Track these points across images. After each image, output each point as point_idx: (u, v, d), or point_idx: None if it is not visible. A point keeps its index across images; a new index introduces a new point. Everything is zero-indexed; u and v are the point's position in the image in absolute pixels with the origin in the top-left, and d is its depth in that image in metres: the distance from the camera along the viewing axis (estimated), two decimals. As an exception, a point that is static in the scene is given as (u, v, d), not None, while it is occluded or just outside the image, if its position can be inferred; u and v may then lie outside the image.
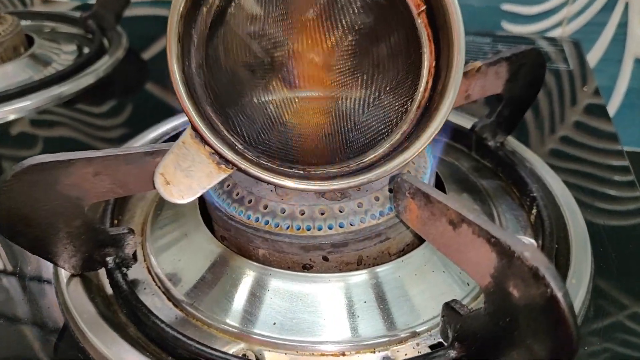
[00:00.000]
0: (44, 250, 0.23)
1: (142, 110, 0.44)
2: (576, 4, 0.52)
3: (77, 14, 0.58)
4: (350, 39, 0.24)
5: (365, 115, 0.24)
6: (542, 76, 0.32)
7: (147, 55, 0.54)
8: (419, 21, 0.22)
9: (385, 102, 0.24)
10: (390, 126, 0.24)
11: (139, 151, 0.23)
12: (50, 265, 0.26)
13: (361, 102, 0.25)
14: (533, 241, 0.23)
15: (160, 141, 0.36)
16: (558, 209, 0.29)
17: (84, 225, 0.24)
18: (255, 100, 0.24)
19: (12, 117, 0.42)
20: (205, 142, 0.21)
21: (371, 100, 0.25)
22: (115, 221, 0.29)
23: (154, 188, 0.23)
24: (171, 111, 0.40)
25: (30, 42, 0.52)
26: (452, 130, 0.35)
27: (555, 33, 0.54)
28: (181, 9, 0.20)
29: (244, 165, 0.21)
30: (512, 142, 0.34)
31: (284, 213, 0.24)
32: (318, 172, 0.23)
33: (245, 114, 0.24)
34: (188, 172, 0.22)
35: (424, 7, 0.22)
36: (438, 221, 0.20)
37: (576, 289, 0.24)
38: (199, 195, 0.22)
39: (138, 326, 0.24)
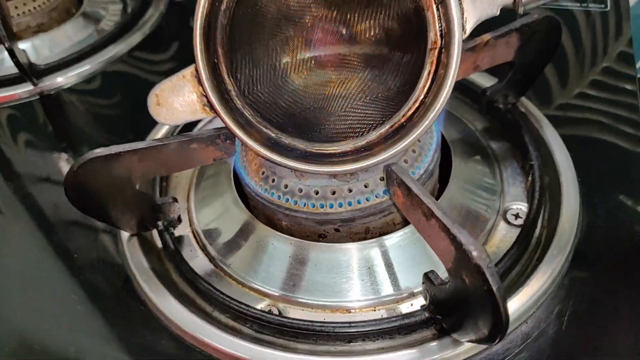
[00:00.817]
0: (107, 217, 0.29)
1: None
2: None
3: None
4: (368, 21, 0.27)
5: (373, 92, 0.27)
6: (556, 43, 0.33)
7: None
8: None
9: (392, 81, 0.27)
10: (395, 105, 0.26)
11: (175, 141, 0.27)
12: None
13: (370, 80, 0.28)
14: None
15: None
16: (557, 177, 0.31)
17: (136, 196, 0.29)
18: (268, 52, 0.27)
19: (73, 81, 0.46)
20: (199, 81, 0.25)
21: (379, 78, 0.27)
22: (164, 188, 0.34)
23: (191, 167, 0.27)
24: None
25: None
26: (467, 90, 0.37)
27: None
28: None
29: (223, 116, 0.25)
30: (525, 102, 0.36)
31: (301, 192, 0.28)
32: (317, 151, 0.26)
33: (254, 63, 0.27)
34: (178, 102, 0.26)
35: None
36: (416, 211, 0.24)
37: (555, 259, 0.27)
38: (179, 124, 0.26)
39: (181, 277, 0.29)
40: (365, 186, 0.28)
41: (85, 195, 0.27)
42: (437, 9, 0.23)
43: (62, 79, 0.46)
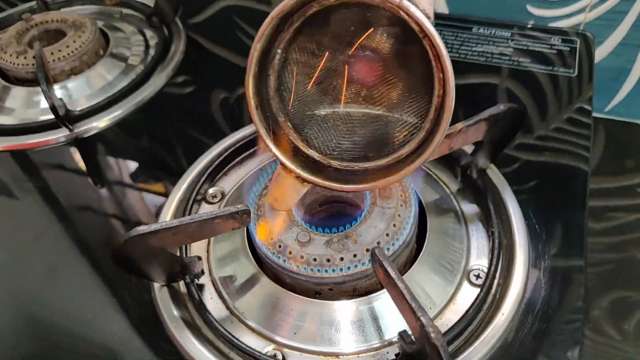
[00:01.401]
0: (144, 274, 0.36)
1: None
2: (598, -6, 0.55)
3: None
4: (378, 65, 0.33)
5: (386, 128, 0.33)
6: (518, 126, 0.39)
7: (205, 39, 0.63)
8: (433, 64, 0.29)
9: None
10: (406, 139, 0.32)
11: (202, 218, 0.34)
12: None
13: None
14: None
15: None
16: (512, 242, 0.38)
17: (168, 258, 0.36)
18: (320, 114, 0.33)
19: (105, 125, 0.53)
20: (290, 170, 0.33)
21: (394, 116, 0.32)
22: (188, 245, 0.41)
23: (213, 236, 0.34)
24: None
25: (105, 37, 0.62)
26: (445, 155, 0.44)
27: (577, 19, 0.58)
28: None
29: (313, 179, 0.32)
30: (494, 170, 0.42)
31: (302, 259, 0.34)
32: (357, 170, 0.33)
33: (316, 128, 0.33)
34: (285, 191, 0.33)
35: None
36: (392, 289, 0.30)
37: (502, 319, 0.34)
38: (295, 203, 0.34)
39: (204, 323, 0.36)
40: (354, 256, 0.34)
41: (129, 260, 0.33)
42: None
43: (95, 124, 0.52)
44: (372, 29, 0.31)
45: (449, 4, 0.62)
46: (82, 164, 0.50)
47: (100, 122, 0.52)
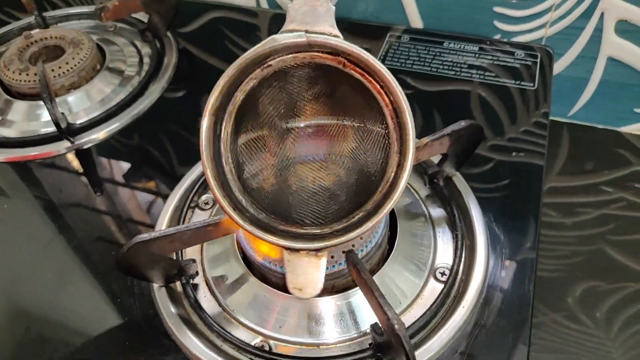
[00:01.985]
0: (144, 277, 0.40)
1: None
2: (558, 11, 0.60)
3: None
4: (335, 123, 0.37)
5: (349, 188, 0.36)
6: (479, 140, 0.43)
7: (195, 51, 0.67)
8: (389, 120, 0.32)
9: (364, 179, 0.36)
10: (367, 196, 0.34)
11: (197, 226, 0.38)
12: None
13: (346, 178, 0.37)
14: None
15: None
16: (474, 243, 0.43)
17: (166, 262, 0.40)
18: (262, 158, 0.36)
19: (104, 137, 0.56)
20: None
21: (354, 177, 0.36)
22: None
23: (206, 241, 0.38)
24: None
25: (101, 52, 0.65)
26: (414, 166, 0.48)
27: (540, 33, 0.63)
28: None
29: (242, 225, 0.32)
30: (459, 178, 0.47)
31: (285, 260, 0.39)
32: (311, 232, 0.36)
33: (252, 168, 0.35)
34: (305, 274, 0.32)
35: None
36: (364, 287, 0.35)
37: (462, 312, 0.39)
38: (322, 282, 0.32)
39: (199, 319, 0.41)
40: (332, 257, 0.39)
41: (131, 265, 0.38)
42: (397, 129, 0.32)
43: (95, 135, 0.56)
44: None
45: (423, 19, 0.66)
46: (82, 174, 0.54)
47: (100, 134, 0.56)
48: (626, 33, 0.58)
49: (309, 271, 0.32)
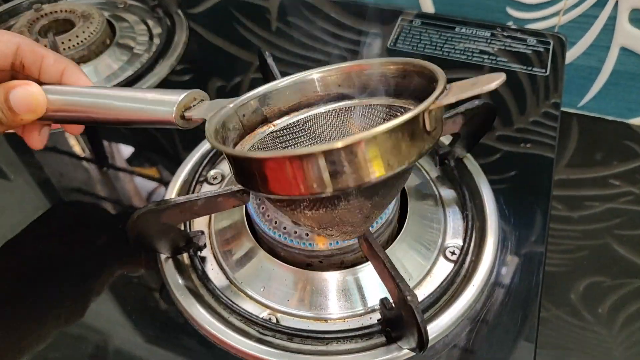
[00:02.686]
0: (153, 248, 0.40)
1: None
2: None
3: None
4: None
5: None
6: (492, 120, 0.43)
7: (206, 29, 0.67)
8: None
9: None
10: None
11: (207, 196, 0.38)
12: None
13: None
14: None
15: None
16: (484, 224, 0.42)
17: (174, 233, 0.40)
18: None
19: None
20: None
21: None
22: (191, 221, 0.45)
23: (216, 212, 0.38)
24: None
25: (111, 27, 0.65)
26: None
27: (553, 21, 0.62)
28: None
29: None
30: (470, 158, 0.47)
31: (295, 234, 0.39)
32: None
33: None
34: None
35: None
36: (375, 259, 0.35)
37: (472, 290, 0.38)
38: None
39: (206, 291, 0.40)
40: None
41: (140, 235, 0.37)
42: None
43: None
44: None
45: (435, 4, 0.66)
46: (89, 148, 0.54)
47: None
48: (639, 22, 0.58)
49: None
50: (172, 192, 0.46)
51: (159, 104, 0.35)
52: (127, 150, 0.54)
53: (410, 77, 0.33)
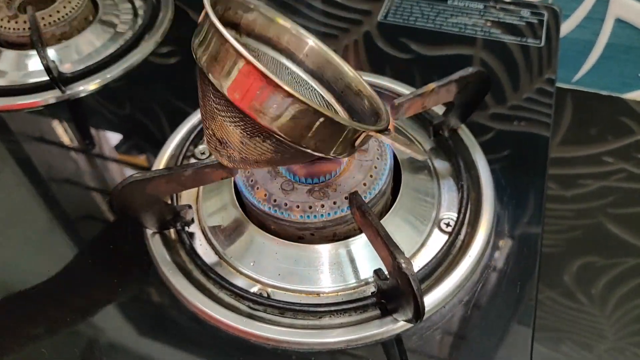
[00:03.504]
0: (138, 221, 0.38)
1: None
2: (566, -31, 0.58)
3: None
4: None
5: None
6: (486, 89, 0.42)
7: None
8: None
9: None
10: None
11: (194, 167, 0.36)
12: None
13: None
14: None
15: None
16: (480, 195, 0.41)
17: (161, 206, 0.38)
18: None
19: (96, 88, 0.55)
20: None
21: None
22: (179, 195, 0.43)
23: (204, 184, 0.37)
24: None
25: (94, 4, 0.63)
26: (419, 116, 0.47)
27: (546, -8, 0.61)
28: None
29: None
30: (464, 129, 0.46)
31: (286, 206, 0.37)
32: None
33: None
34: None
35: None
36: (368, 229, 0.33)
37: (469, 261, 0.37)
38: None
39: (194, 266, 0.39)
40: (334, 203, 0.37)
41: (125, 206, 0.36)
42: None
43: (86, 86, 0.54)
44: None
45: (427, -22, 0.64)
46: (73, 124, 0.52)
47: (91, 85, 0.54)
48: (636, -8, 0.57)
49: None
50: (158, 167, 0.45)
51: None
52: (112, 133, 0.52)
53: (361, 98, 0.37)
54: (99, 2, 0.63)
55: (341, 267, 0.38)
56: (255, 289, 0.38)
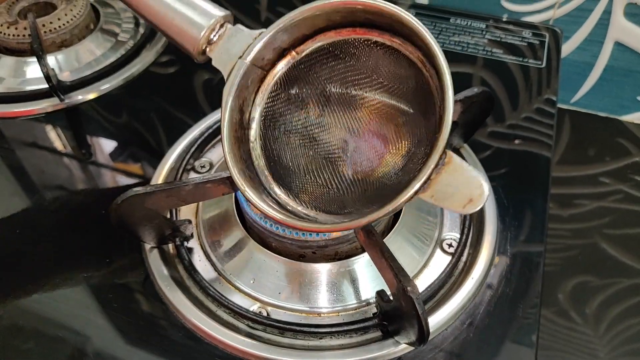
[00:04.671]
0: (136, 236, 0.38)
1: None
2: (567, -8, 0.59)
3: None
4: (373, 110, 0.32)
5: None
6: (490, 108, 0.42)
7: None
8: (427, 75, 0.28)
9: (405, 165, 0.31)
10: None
11: (195, 182, 0.36)
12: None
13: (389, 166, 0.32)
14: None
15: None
16: (482, 215, 0.41)
17: (160, 220, 0.38)
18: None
19: (94, 97, 0.54)
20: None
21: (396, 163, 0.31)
22: (178, 209, 0.43)
23: (205, 200, 0.36)
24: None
25: (96, 13, 0.63)
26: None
27: (547, 14, 0.62)
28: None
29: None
30: (467, 149, 0.45)
31: (287, 223, 0.37)
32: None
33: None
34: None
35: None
36: (373, 249, 0.33)
37: (472, 283, 0.37)
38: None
39: (193, 283, 0.38)
40: (337, 221, 0.37)
41: (123, 220, 0.35)
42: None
43: (85, 95, 0.53)
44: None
45: (429, -5, 0.65)
46: (71, 133, 0.52)
47: (90, 94, 0.54)
48: (635, 17, 0.57)
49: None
50: (158, 180, 0.44)
51: (191, 23, 0.33)
52: (110, 144, 0.51)
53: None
54: (101, 11, 0.62)
55: (342, 287, 0.37)
56: (254, 307, 0.37)
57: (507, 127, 0.50)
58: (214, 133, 0.48)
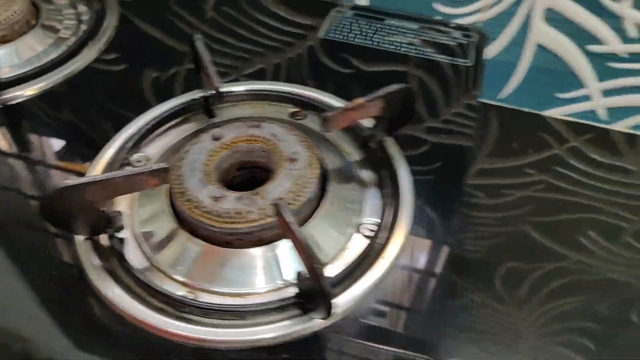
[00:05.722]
0: (69, 228, 0.39)
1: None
2: (492, -4, 0.63)
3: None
4: None
5: None
6: (412, 107, 0.45)
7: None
8: None
9: None
10: None
11: (127, 174, 0.38)
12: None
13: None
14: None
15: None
16: (399, 202, 0.44)
17: (93, 212, 0.39)
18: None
19: (34, 94, 0.55)
20: None
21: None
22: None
23: (138, 191, 0.38)
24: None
25: (37, 9, 0.63)
26: (350, 129, 0.49)
27: (476, 17, 0.65)
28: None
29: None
30: (390, 142, 0.49)
31: (215, 214, 0.39)
32: None
33: None
34: None
35: None
36: (290, 235, 0.36)
37: (385, 263, 0.40)
38: None
39: (123, 272, 0.40)
40: (262, 210, 0.39)
41: (56, 213, 0.37)
42: None
43: (24, 92, 0.54)
44: None
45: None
46: (7, 130, 0.53)
47: (29, 90, 0.54)
48: (554, 21, 0.62)
49: None
50: (93, 172, 0.46)
51: None
52: (49, 141, 0.52)
53: None
54: (41, 7, 0.63)
55: (268, 270, 0.40)
56: (182, 292, 0.39)
57: (435, 122, 0.53)
58: (151, 128, 0.50)
